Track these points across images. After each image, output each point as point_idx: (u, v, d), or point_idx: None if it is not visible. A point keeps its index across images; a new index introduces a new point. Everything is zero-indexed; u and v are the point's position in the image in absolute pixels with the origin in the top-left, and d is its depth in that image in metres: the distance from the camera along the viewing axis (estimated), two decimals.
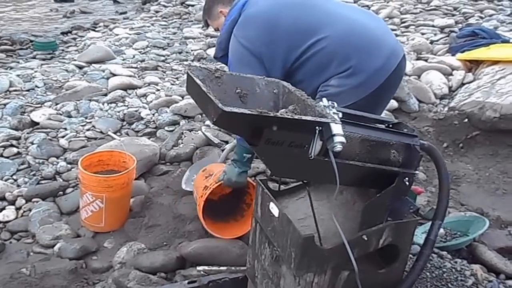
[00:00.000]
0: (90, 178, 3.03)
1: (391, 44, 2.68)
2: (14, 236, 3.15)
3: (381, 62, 2.55)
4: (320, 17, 2.64)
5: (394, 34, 5.76)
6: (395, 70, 2.61)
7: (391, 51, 2.62)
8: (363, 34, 2.62)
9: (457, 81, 5.21)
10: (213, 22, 3.02)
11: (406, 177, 1.92)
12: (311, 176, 1.85)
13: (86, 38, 7.67)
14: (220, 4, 2.92)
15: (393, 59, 2.61)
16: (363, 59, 2.53)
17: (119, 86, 5.20)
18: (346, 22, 2.64)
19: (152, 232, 3.06)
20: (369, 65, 2.53)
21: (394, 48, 2.66)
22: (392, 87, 2.74)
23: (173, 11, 9.15)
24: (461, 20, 7.22)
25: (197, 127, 4.32)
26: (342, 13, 2.72)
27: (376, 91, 2.56)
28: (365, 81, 2.54)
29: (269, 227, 1.99)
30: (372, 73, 2.54)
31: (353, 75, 2.52)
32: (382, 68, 2.56)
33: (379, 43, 2.62)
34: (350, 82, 2.52)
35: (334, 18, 2.65)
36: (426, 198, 3.47)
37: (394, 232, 1.95)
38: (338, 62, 2.53)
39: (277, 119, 1.44)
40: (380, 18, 3.13)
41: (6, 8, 9.90)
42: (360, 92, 2.53)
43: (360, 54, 2.54)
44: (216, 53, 2.93)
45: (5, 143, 4.01)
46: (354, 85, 2.52)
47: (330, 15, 2.67)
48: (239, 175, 2.81)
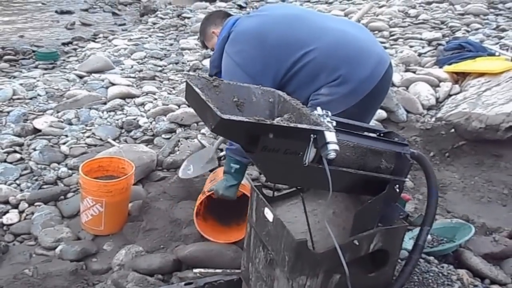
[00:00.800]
0: (90, 183, 3.09)
1: (378, 53, 2.76)
2: (17, 239, 3.20)
3: (369, 71, 2.62)
4: (309, 30, 2.72)
5: (383, 46, 5.85)
6: (383, 78, 2.68)
7: (379, 60, 2.70)
8: (351, 44, 2.69)
9: (444, 92, 5.29)
10: (208, 42, 3.15)
11: (396, 184, 1.97)
12: (305, 182, 1.91)
13: (86, 48, 7.72)
14: (213, 25, 3.06)
15: (380, 67, 2.68)
16: (352, 69, 2.61)
17: (118, 95, 5.26)
18: (334, 33, 2.71)
19: (150, 236, 3.12)
20: (358, 74, 2.61)
21: (381, 57, 2.74)
22: (380, 93, 2.81)
23: (170, 23, 9.19)
24: (448, 34, 7.28)
25: (193, 135, 4.39)
26: (330, 25, 2.79)
27: (365, 98, 2.64)
28: (354, 89, 2.61)
29: (263, 232, 2.03)
30: (361, 81, 2.61)
31: (343, 84, 2.59)
32: (370, 76, 2.63)
33: (366, 53, 2.69)
34: (340, 90, 2.60)
35: (322, 31, 2.72)
36: (414, 205, 3.54)
37: (384, 237, 2.00)
38: (327, 72, 2.61)
39: (273, 127, 1.50)
40: (367, 29, 3.22)
41: (9, 19, 9.94)
42: (350, 100, 2.60)
43: (349, 64, 2.61)
44: (210, 71, 3.00)
45: (9, 149, 4.07)
46: (344, 93, 2.59)
47: (318, 28, 2.74)
48: (226, 188, 2.82)
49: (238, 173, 2.82)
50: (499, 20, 7.97)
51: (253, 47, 2.69)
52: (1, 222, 3.30)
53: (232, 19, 2.92)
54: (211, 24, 3.09)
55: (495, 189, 3.92)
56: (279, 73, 2.68)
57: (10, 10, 10.76)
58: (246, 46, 2.71)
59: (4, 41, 8.32)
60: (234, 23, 2.84)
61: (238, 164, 2.77)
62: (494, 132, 4.22)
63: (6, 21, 9.85)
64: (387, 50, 6.30)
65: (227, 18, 3.00)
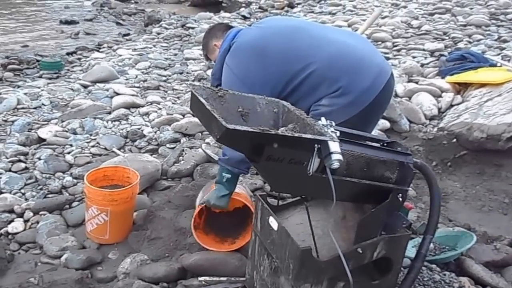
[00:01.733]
0: (95, 193, 3.10)
1: (379, 63, 2.77)
2: (23, 247, 3.20)
3: (370, 82, 2.64)
4: (309, 42, 2.74)
5: (386, 57, 5.88)
6: (384, 88, 2.70)
7: (379, 70, 2.72)
8: (351, 55, 2.71)
9: (446, 102, 5.30)
10: (210, 55, 3.21)
11: (399, 193, 1.99)
12: (309, 191, 1.92)
13: (90, 58, 7.74)
14: (214, 38, 3.12)
15: (381, 78, 2.70)
16: (352, 80, 2.62)
17: (122, 104, 5.27)
18: (335, 45, 2.73)
19: (155, 244, 3.13)
20: (358, 85, 2.62)
21: (381, 67, 2.75)
22: (382, 104, 2.83)
23: (174, 33, 9.22)
24: (451, 45, 7.31)
25: (198, 145, 4.41)
26: (330, 36, 2.81)
27: (366, 108, 2.65)
28: (355, 100, 2.63)
29: (268, 240, 2.05)
30: (362, 92, 2.62)
31: (343, 95, 2.61)
32: (371, 87, 2.65)
33: (367, 63, 2.71)
34: (340, 101, 2.62)
35: (322, 42, 2.74)
36: (416, 214, 3.56)
37: (387, 246, 2.02)
38: (328, 83, 2.63)
39: (278, 136, 1.52)
40: (367, 40, 3.23)
41: (13, 29, 10.00)
42: (350, 111, 2.62)
43: (349, 75, 2.63)
44: (212, 83, 3.03)
45: (14, 159, 4.08)
46: (344, 104, 2.61)
47: (318, 39, 2.76)
48: (218, 198, 2.83)
49: (229, 183, 2.84)
50: (500, 31, 7.99)
51: (252, 59, 2.73)
52: (6, 231, 3.31)
53: (233, 31, 2.96)
54: (212, 37, 3.14)
55: (496, 198, 3.95)
56: (278, 85, 2.71)
57: (14, 20, 10.83)
58: (246, 58, 2.75)
59: (9, 50, 8.36)
60: (235, 35, 2.88)
61: (230, 174, 2.80)
62: (495, 142, 4.23)
63: (10, 30, 9.90)
64: (390, 61, 6.36)
65: (228, 30, 3.03)
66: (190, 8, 12.68)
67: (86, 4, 13.20)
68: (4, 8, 11.78)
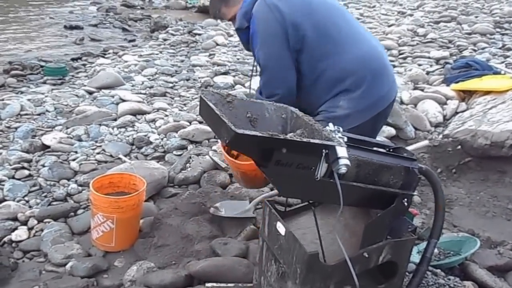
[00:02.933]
0: (101, 200, 3.09)
1: (393, 75, 2.81)
2: (27, 255, 3.18)
3: (386, 90, 2.68)
4: (348, 30, 2.72)
5: (393, 65, 5.95)
6: (393, 100, 2.75)
7: (393, 81, 2.75)
8: (380, 60, 2.73)
9: (451, 110, 5.37)
10: (231, 8, 2.89)
11: (405, 198, 2.01)
12: (316, 196, 1.93)
13: (95, 64, 7.76)
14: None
15: (393, 90, 2.74)
16: (375, 84, 2.64)
17: (128, 111, 5.29)
18: (367, 44, 2.73)
19: (161, 252, 3.11)
20: (378, 91, 2.64)
21: (394, 79, 2.79)
22: (387, 115, 2.85)
23: (180, 40, 9.29)
24: (456, 52, 7.40)
25: (205, 152, 4.41)
26: (364, 34, 2.82)
27: (377, 116, 2.67)
28: (371, 105, 2.64)
29: (275, 245, 2.06)
30: (378, 98, 2.65)
31: (363, 98, 2.61)
32: (386, 96, 2.69)
33: (388, 72, 2.74)
34: (359, 104, 2.61)
35: (359, 37, 2.74)
36: (421, 220, 3.55)
37: (393, 250, 2.03)
38: (354, 79, 2.60)
39: (286, 141, 1.53)
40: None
41: (16, 33, 10.02)
42: (365, 115, 2.63)
43: (374, 79, 2.64)
44: (240, 24, 2.81)
45: (17, 165, 4.07)
46: (362, 108, 2.61)
47: (355, 31, 2.75)
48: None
49: None
50: (505, 40, 8.10)
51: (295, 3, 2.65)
52: (10, 239, 3.28)
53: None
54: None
55: (500, 204, 3.96)
56: (308, 48, 2.65)
57: (17, 25, 10.84)
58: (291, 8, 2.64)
59: (12, 55, 8.36)
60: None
61: None
62: (499, 149, 4.24)
63: (14, 35, 9.92)
64: (396, 69, 6.49)
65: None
66: (197, 15, 12.72)
67: (91, 9, 13.25)
68: (7, 13, 11.82)
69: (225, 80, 6.64)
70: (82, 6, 13.84)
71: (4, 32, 10.05)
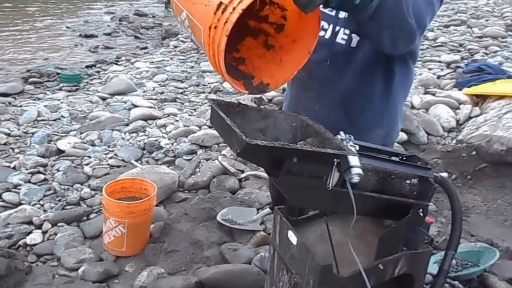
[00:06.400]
0: (113, 204, 3.11)
1: None
2: (40, 259, 3.21)
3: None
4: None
5: None
6: None
7: None
8: None
9: (464, 114, 5.31)
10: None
11: (420, 208, 1.97)
12: (328, 206, 1.89)
13: (109, 71, 7.86)
14: None
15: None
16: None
17: (140, 116, 5.35)
18: None
19: (171, 257, 3.12)
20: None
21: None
22: None
23: (191, 46, 9.32)
24: (467, 56, 7.33)
25: (214, 157, 4.42)
26: None
27: None
28: None
29: (287, 255, 2.01)
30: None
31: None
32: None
33: None
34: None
35: None
36: (437, 228, 3.52)
37: (409, 262, 1.97)
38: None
39: (297, 151, 1.50)
40: None
41: (35, 42, 10.15)
42: None
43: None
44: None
45: (33, 170, 4.13)
46: None
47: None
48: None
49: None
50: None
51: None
52: (25, 243, 3.32)
53: None
54: None
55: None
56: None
57: (35, 33, 10.99)
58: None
59: (30, 63, 8.47)
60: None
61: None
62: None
63: (31, 44, 10.03)
64: None
65: None
66: None
67: (106, 18, 13.36)
68: (25, 22, 11.97)
69: None
70: (96, 15, 13.95)
71: (24, 41, 10.18)
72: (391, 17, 1.66)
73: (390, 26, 1.70)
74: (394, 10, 1.64)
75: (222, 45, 1.45)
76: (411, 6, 1.68)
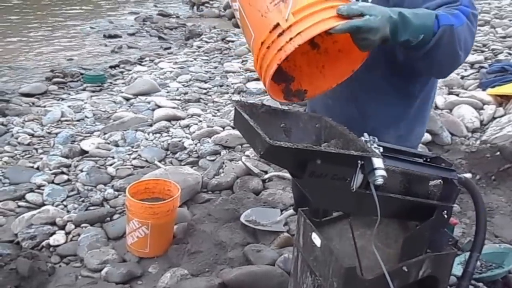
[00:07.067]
0: (136, 205, 3.11)
1: None
2: (64, 260, 3.22)
3: None
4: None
5: None
6: None
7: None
8: None
9: (488, 115, 5.25)
10: None
11: (444, 210, 1.95)
12: (352, 207, 1.87)
13: (133, 71, 7.89)
14: None
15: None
16: None
17: (163, 117, 5.36)
18: None
19: (195, 259, 3.11)
20: None
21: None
22: None
23: (214, 47, 9.37)
24: (491, 56, 7.25)
25: (238, 157, 4.42)
26: None
27: None
28: None
29: (311, 257, 2.01)
30: None
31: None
32: None
33: None
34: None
35: None
36: (461, 229, 3.48)
37: (433, 264, 1.96)
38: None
39: (321, 153, 1.50)
40: None
41: (59, 43, 10.26)
42: None
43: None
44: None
45: (56, 170, 4.17)
46: None
47: None
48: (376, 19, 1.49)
49: (414, 32, 1.58)
50: None
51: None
52: (48, 243, 3.33)
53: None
54: None
55: None
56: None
57: (59, 34, 11.11)
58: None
59: (54, 63, 8.56)
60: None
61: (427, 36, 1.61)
62: None
63: (56, 44, 10.15)
64: None
65: None
66: (230, 22, 12.81)
67: (129, 19, 13.44)
68: (49, 22, 12.11)
69: (257, 86, 6.65)
70: (120, 15, 14.07)
71: (48, 42, 10.29)
72: (445, 54, 1.67)
73: (442, 61, 1.71)
74: (448, 47, 1.64)
75: (272, 70, 1.50)
76: (463, 39, 1.67)
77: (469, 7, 1.69)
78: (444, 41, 1.61)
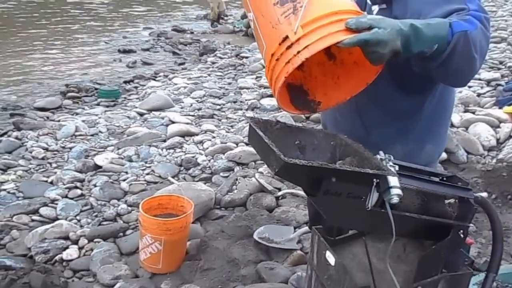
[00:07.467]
0: (150, 221, 3.12)
1: None
2: (76, 275, 3.22)
3: None
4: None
5: None
6: None
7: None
8: None
9: (505, 133, 5.20)
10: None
11: (460, 229, 1.93)
12: (367, 226, 1.86)
13: (147, 87, 7.92)
14: None
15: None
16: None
17: (177, 133, 5.38)
18: None
19: (207, 276, 3.10)
20: None
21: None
22: None
23: (228, 63, 9.41)
24: (507, 74, 7.20)
25: (251, 174, 4.42)
26: None
27: None
28: None
29: (325, 276, 2.00)
30: None
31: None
32: None
33: None
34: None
35: None
36: (477, 249, 3.44)
37: (449, 284, 1.92)
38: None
39: (336, 171, 1.48)
40: None
41: (74, 57, 10.36)
42: None
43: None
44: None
45: (70, 185, 4.18)
46: None
47: None
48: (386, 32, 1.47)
49: (428, 43, 1.57)
50: None
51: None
52: (61, 258, 3.34)
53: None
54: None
55: None
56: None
57: (74, 48, 11.21)
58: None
59: (68, 78, 8.62)
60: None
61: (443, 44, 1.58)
62: None
63: (71, 59, 10.24)
64: None
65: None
66: (244, 38, 12.89)
67: (144, 34, 13.55)
68: (64, 37, 12.23)
69: (271, 102, 6.66)
70: (135, 31, 14.18)
71: (63, 57, 10.39)
72: (461, 61, 1.63)
73: (458, 68, 1.67)
74: (464, 53, 1.61)
75: (280, 83, 1.52)
76: (478, 43, 1.64)
77: (480, 11, 1.68)
78: (459, 48, 1.58)
